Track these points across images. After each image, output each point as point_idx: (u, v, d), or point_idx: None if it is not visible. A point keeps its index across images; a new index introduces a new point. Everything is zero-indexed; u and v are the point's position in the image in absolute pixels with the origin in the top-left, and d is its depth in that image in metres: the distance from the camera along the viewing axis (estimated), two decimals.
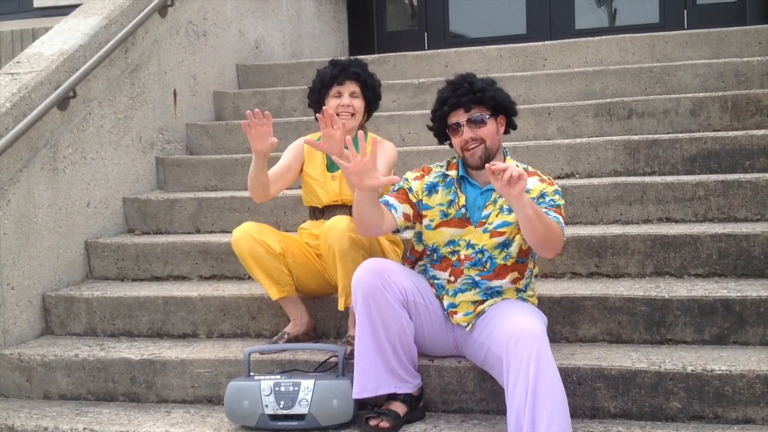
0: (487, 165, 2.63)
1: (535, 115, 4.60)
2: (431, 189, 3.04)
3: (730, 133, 4.09)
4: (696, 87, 4.70)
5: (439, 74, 5.41)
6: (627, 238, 3.58)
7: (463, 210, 2.99)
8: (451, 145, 3.07)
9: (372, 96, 3.48)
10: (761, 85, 4.60)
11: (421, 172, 3.09)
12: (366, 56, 5.79)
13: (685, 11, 6.56)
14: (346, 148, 2.81)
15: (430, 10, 7.32)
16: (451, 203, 3.01)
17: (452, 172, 3.04)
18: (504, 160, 3.01)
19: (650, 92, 4.76)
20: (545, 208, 2.85)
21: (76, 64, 4.16)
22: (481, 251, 2.95)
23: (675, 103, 4.42)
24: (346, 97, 3.39)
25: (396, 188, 3.07)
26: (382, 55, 5.78)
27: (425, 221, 3.04)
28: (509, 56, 5.40)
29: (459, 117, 2.95)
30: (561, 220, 2.86)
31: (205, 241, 4.09)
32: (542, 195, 2.91)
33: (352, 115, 3.41)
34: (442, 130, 3.04)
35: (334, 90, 3.41)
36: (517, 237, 2.94)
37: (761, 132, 4.03)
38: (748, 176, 3.79)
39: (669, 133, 4.37)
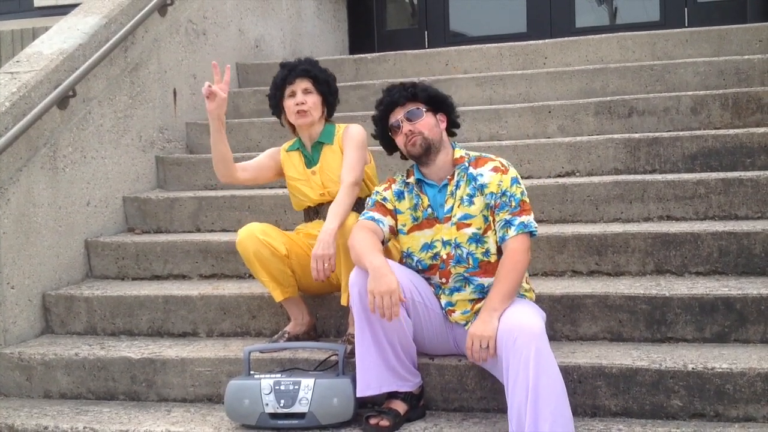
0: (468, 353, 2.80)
1: (535, 113, 4.60)
2: (399, 195, 3.11)
3: (731, 131, 4.08)
4: (697, 85, 4.70)
5: (440, 73, 5.41)
6: (627, 236, 3.57)
7: (429, 210, 3.03)
8: (402, 155, 3.14)
9: (327, 90, 3.51)
10: (762, 82, 4.59)
11: (388, 183, 3.16)
12: (366, 55, 5.82)
13: (686, 9, 6.55)
14: None
15: (430, 9, 7.32)
16: (416, 206, 3.06)
17: (411, 179, 3.10)
18: (453, 153, 3.06)
19: (651, 90, 4.75)
20: (509, 214, 2.89)
21: (76, 63, 4.16)
22: (458, 246, 2.98)
23: (676, 101, 4.42)
24: (299, 95, 3.43)
25: (371, 203, 3.12)
26: (382, 53, 5.78)
27: (399, 225, 3.09)
28: (509, 55, 5.39)
29: (396, 115, 3.05)
30: (527, 221, 2.90)
31: (205, 240, 4.08)
32: (503, 194, 2.93)
33: (308, 111, 3.44)
34: (385, 134, 3.13)
35: (288, 90, 3.45)
36: (490, 233, 2.96)
37: (762, 130, 4.03)
38: (749, 174, 3.79)
39: (670, 131, 4.37)
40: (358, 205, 3.32)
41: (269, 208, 4.26)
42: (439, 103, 3.09)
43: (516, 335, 2.64)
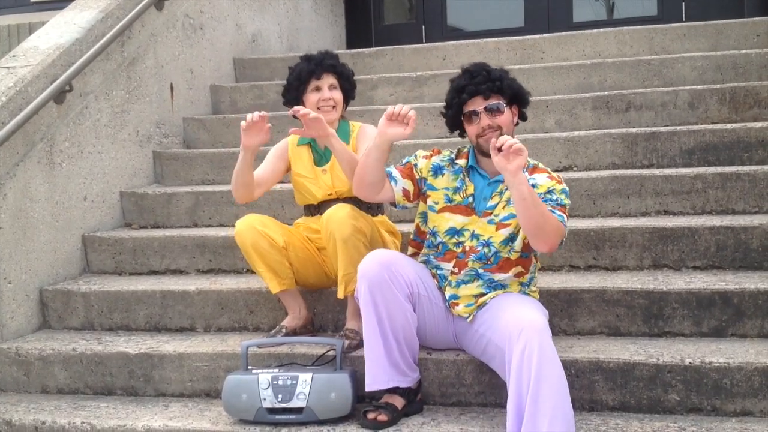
0: (493, 140, 2.66)
1: (533, 108, 4.52)
2: (437, 170, 3.05)
3: (729, 126, 4.08)
4: (694, 79, 4.70)
5: (437, 67, 5.40)
6: (625, 230, 3.57)
7: (471, 199, 2.99)
8: (461, 135, 3.07)
9: (349, 86, 3.49)
10: (759, 77, 4.59)
11: (431, 153, 3.10)
12: (363, 49, 5.81)
13: (683, 4, 6.54)
14: None
15: (427, 4, 7.30)
16: (457, 190, 3.01)
17: (461, 161, 3.04)
18: None
19: (648, 85, 4.76)
20: (551, 206, 2.84)
21: (73, 58, 4.15)
22: (487, 244, 2.95)
23: (673, 96, 4.42)
24: (326, 91, 3.40)
25: (404, 162, 3.09)
26: (379, 48, 5.76)
27: (429, 202, 3.05)
28: (507, 49, 5.39)
29: (476, 105, 2.95)
30: (564, 218, 2.85)
31: (202, 235, 4.08)
32: (550, 191, 2.89)
33: (333, 107, 3.42)
34: (457, 118, 3.03)
35: (312, 85, 3.41)
36: (521, 230, 2.93)
37: (759, 124, 4.03)
38: (746, 169, 3.79)
39: (667, 125, 4.37)
40: (359, 205, 3.30)
41: (266, 203, 4.25)
42: (519, 98, 3.02)
43: (521, 329, 2.62)
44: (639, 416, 2.93)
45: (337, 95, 3.43)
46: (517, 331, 2.63)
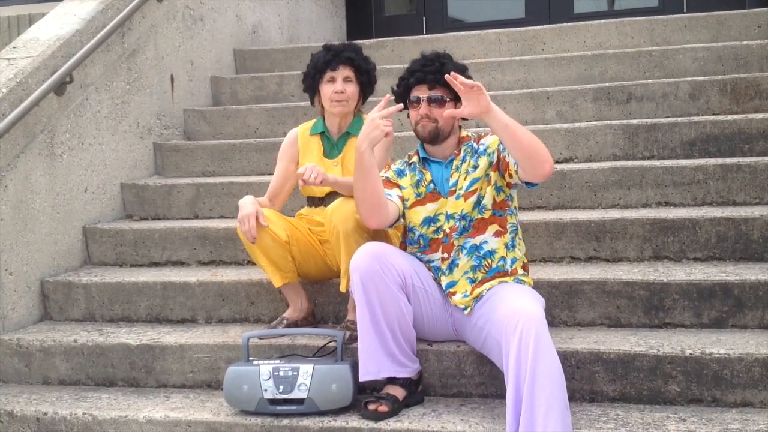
0: (448, 76, 2.74)
1: (533, 99, 4.59)
2: (399, 173, 3.14)
3: (729, 117, 4.08)
4: (695, 71, 4.69)
5: None
6: (626, 222, 3.57)
7: (432, 185, 3.05)
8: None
9: (366, 80, 3.45)
10: (760, 68, 4.59)
11: (386, 166, 3.19)
12: (364, 41, 5.79)
13: None
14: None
15: None
16: (419, 182, 3.08)
17: (414, 158, 3.13)
18: (459, 134, 3.08)
19: (649, 76, 4.75)
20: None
21: (73, 49, 4.14)
22: (463, 216, 2.99)
23: (674, 87, 4.41)
24: (339, 83, 3.36)
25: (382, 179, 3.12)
26: (379, 39, 5.76)
27: (405, 203, 3.11)
28: (508, 40, 5.38)
29: (421, 92, 3.00)
30: None
31: (203, 227, 4.08)
32: (501, 144, 2.94)
33: (346, 100, 3.39)
34: (403, 99, 3.09)
35: (328, 75, 3.38)
36: (488, 188, 2.98)
37: (760, 116, 4.02)
38: (747, 160, 3.79)
39: (668, 117, 4.36)
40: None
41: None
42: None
43: (517, 319, 2.63)
44: (639, 407, 2.93)
45: (351, 89, 3.39)
46: (513, 322, 2.64)
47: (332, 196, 3.38)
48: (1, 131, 3.61)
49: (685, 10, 6.42)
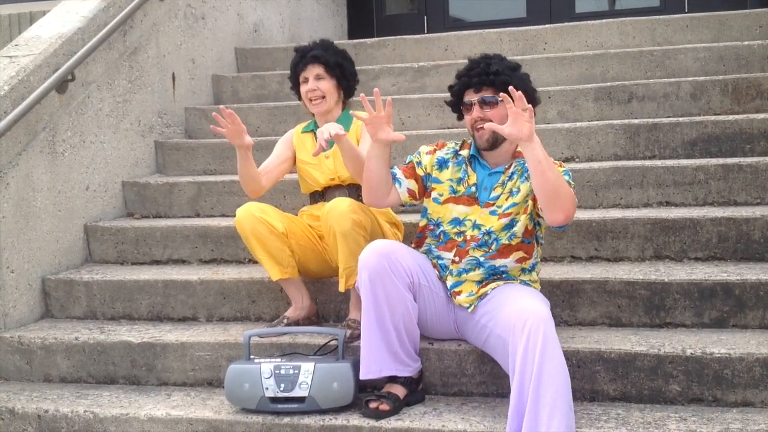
0: (510, 87, 2.66)
1: None
2: (442, 164, 3.07)
3: (731, 117, 4.08)
4: (696, 71, 4.70)
5: (439, 58, 5.40)
6: (627, 221, 3.58)
7: (473, 188, 3.00)
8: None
9: (340, 74, 3.46)
10: (762, 68, 4.59)
11: (435, 147, 3.12)
12: (365, 40, 5.80)
13: None
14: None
15: None
16: (460, 180, 3.02)
17: (464, 152, 3.06)
18: (516, 147, 2.99)
19: (650, 76, 4.75)
20: None
21: (75, 47, 4.14)
22: (488, 233, 2.95)
23: (675, 87, 4.41)
24: (311, 82, 3.42)
25: (407, 161, 3.11)
26: (381, 38, 5.76)
27: (434, 194, 3.06)
28: (509, 40, 5.38)
29: (471, 96, 2.97)
30: (569, 175, 2.88)
31: (204, 225, 4.08)
32: None
33: (322, 97, 3.42)
34: (457, 106, 3.05)
35: (301, 77, 3.45)
36: (523, 216, 2.94)
37: (762, 116, 4.03)
38: (748, 160, 3.79)
39: (669, 116, 4.37)
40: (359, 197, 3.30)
41: (268, 193, 4.21)
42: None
43: (525, 318, 2.63)
44: (640, 406, 2.94)
45: (324, 85, 3.42)
46: (521, 321, 2.63)
47: (332, 190, 3.39)
48: (2, 129, 3.61)
49: (686, 10, 6.42)
